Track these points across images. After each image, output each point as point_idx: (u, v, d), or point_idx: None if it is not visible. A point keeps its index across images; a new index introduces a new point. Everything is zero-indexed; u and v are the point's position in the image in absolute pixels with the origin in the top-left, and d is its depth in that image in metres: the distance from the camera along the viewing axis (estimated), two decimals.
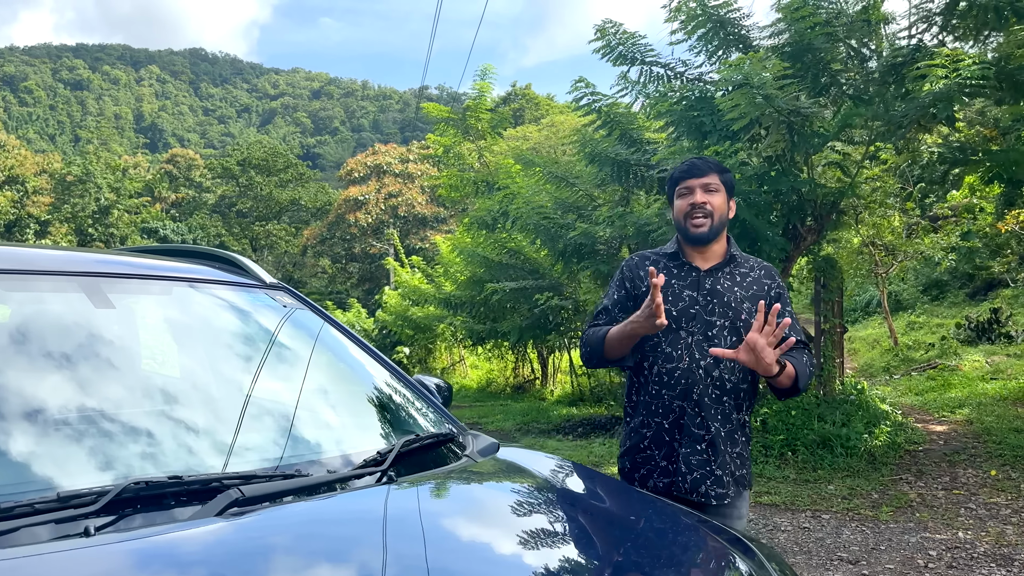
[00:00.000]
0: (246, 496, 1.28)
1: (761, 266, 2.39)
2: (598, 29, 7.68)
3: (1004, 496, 5.37)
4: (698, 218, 2.27)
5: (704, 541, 1.56)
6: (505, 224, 10.21)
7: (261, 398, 1.70)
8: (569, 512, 1.64)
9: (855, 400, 7.39)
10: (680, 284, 2.31)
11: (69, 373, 1.48)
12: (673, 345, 2.27)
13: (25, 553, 1.07)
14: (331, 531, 1.31)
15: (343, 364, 2.00)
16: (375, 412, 1.93)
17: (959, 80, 5.47)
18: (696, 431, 2.25)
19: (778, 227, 7.10)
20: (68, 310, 1.59)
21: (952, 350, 15.69)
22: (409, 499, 1.49)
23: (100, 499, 1.17)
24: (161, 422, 1.52)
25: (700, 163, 2.34)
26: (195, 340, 1.83)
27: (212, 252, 2.14)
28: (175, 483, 1.27)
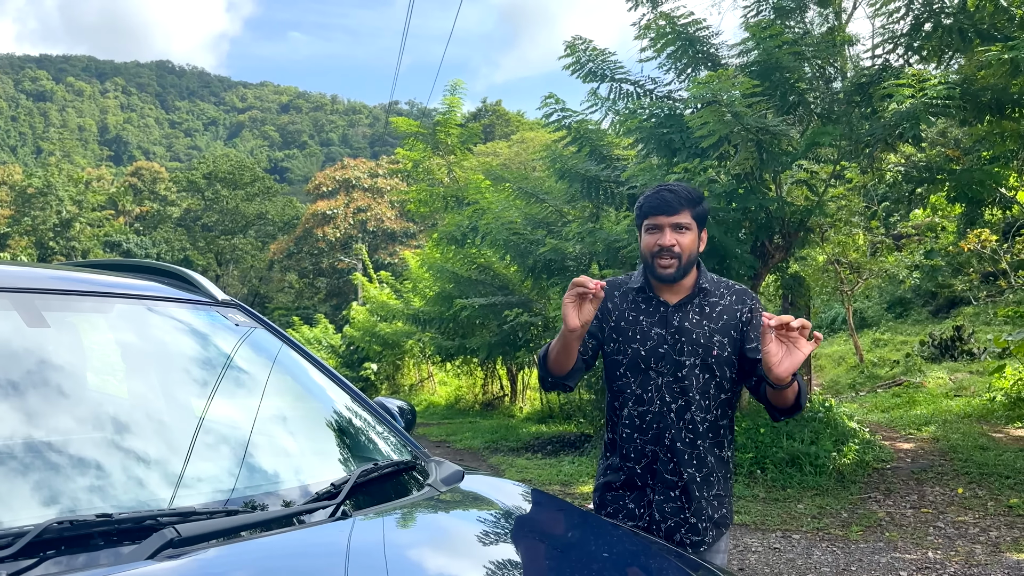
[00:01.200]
0: (182, 536, 1.17)
1: (732, 291, 2.24)
2: (568, 45, 7.67)
3: (972, 514, 5.37)
4: (665, 259, 2.13)
5: (672, 572, 1.47)
6: (475, 239, 10.13)
7: (210, 424, 1.58)
8: (536, 545, 1.56)
9: (823, 418, 7.40)
10: (648, 321, 2.19)
11: (22, 402, 1.36)
12: (643, 387, 2.17)
13: None
14: (276, 575, 1.20)
15: (299, 387, 1.89)
16: (333, 438, 1.82)
17: (925, 100, 5.51)
18: (669, 477, 2.15)
19: (747, 244, 7.10)
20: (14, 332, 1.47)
21: (916, 367, 15.91)
22: (366, 535, 1.38)
23: (17, 541, 1.06)
24: (98, 452, 1.40)
25: (672, 198, 2.15)
26: (139, 361, 1.71)
27: (161, 267, 2.02)
28: (103, 521, 1.15)
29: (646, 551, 1.58)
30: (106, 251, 51.80)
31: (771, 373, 1.91)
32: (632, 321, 2.20)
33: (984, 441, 7.39)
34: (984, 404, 9.63)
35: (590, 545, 1.62)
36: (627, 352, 2.19)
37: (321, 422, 1.86)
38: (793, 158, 6.49)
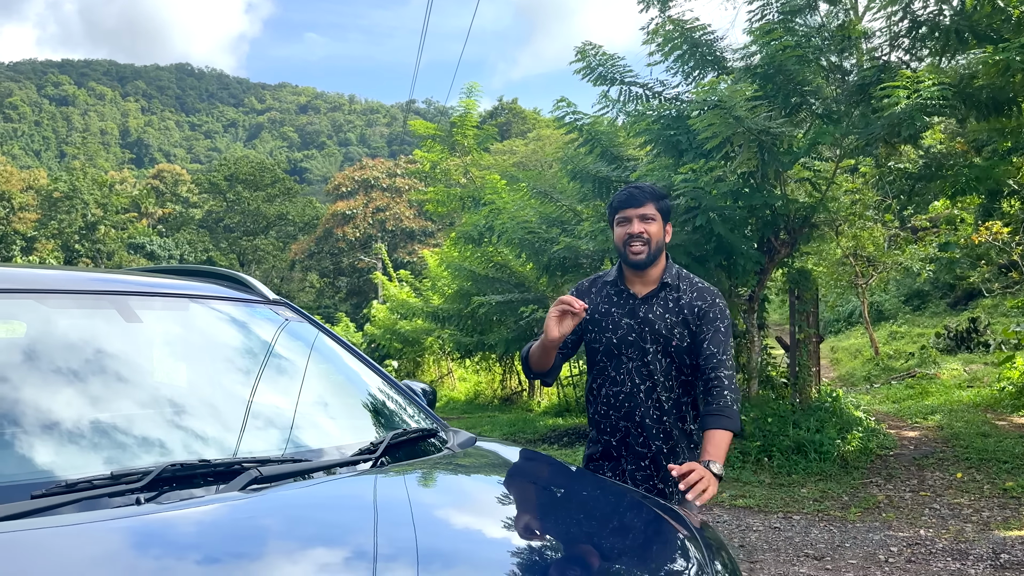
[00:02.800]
0: (263, 475, 1.52)
1: (695, 288, 2.48)
2: (579, 51, 7.95)
3: (967, 497, 5.62)
4: (636, 246, 2.41)
5: (651, 516, 1.79)
6: (491, 238, 10.43)
7: (272, 398, 1.95)
8: (534, 493, 1.91)
9: (829, 407, 7.65)
10: (619, 312, 2.47)
11: (110, 378, 1.72)
12: (616, 370, 2.46)
13: (94, 518, 1.33)
14: (332, 505, 1.56)
15: (340, 370, 2.24)
16: (369, 411, 2.18)
17: (920, 100, 5.75)
18: (639, 449, 2.45)
19: (753, 241, 7.37)
20: (103, 324, 1.84)
21: (931, 359, 15.98)
22: (397, 482, 1.73)
23: (145, 477, 1.42)
24: (188, 418, 1.77)
25: (638, 193, 2.46)
26: (211, 349, 2.07)
27: (220, 272, 2.38)
28: (204, 465, 1.52)
29: (632, 501, 1.90)
30: (130, 253, 52.72)
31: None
32: (605, 313, 2.49)
33: (987, 429, 7.60)
34: (993, 394, 9.82)
35: (583, 495, 1.96)
36: (602, 340, 2.49)
37: (360, 398, 2.22)
38: (795, 157, 6.74)
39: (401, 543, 1.38)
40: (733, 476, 6.44)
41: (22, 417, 1.54)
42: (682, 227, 6.88)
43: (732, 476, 6.43)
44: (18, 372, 1.63)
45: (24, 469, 1.45)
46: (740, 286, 7.69)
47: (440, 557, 1.38)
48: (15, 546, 1.20)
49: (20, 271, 1.92)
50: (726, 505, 5.64)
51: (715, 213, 6.63)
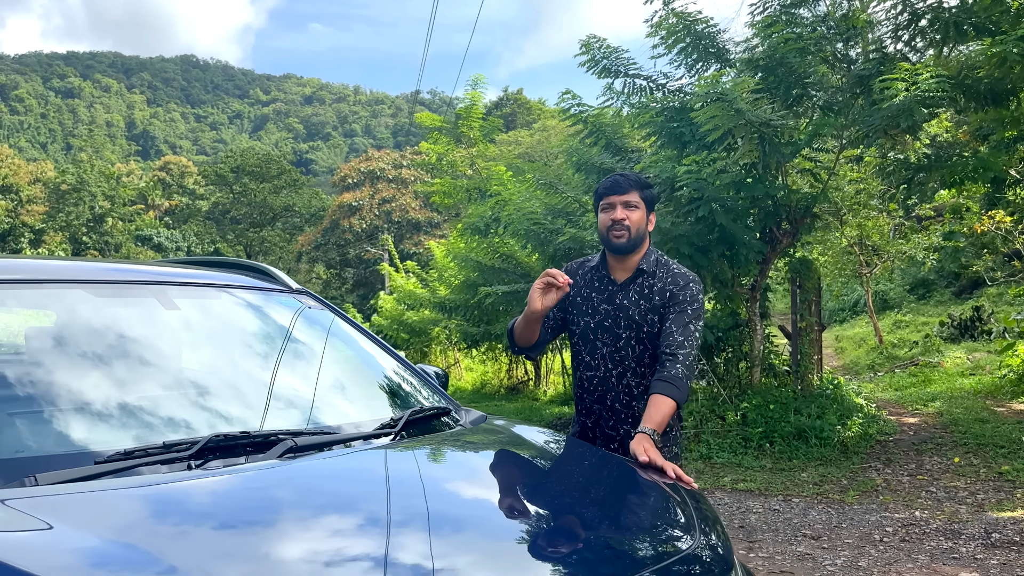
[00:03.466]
0: (298, 445, 1.70)
1: (671, 274, 2.54)
2: (583, 44, 8.07)
3: (964, 480, 5.76)
4: (618, 231, 2.49)
5: (648, 484, 1.95)
6: (497, 229, 10.54)
7: (298, 379, 2.12)
8: (541, 463, 2.08)
9: (831, 394, 7.79)
10: (599, 297, 2.56)
11: (154, 359, 1.89)
12: (591, 355, 2.57)
13: (150, 481, 1.50)
14: (357, 472, 1.74)
15: (359, 353, 2.41)
16: (387, 391, 2.35)
17: (917, 93, 5.86)
18: (609, 432, 2.55)
19: (755, 231, 7.48)
20: (145, 312, 2.01)
21: (935, 347, 16.06)
22: (414, 453, 1.90)
23: (194, 446, 1.59)
24: (225, 395, 1.95)
25: (623, 180, 2.55)
26: (242, 334, 2.24)
27: (247, 263, 2.55)
28: (245, 436, 1.69)
29: (626, 470, 2.05)
30: (138, 245, 53.01)
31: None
32: (586, 297, 2.59)
33: (985, 415, 7.73)
34: (994, 381, 9.94)
35: (583, 464, 2.16)
36: (580, 323, 2.59)
37: (379, 379, 2.39)
38: (796, 148, 6.85)
39: (416, 507, 1.55)
40: (735, 461, 6.59)
41: (82, 393, 1.71)
42: (685, 218, 7.00)
43: (734, 461, 6.58)
44: (72, 354, 1.80)
45: (87, 439, 1.63)
46: (743, 276, 7.82)
47: (450, 521, 1.55)
48: (84, 504, 1.37)
49: (69, 264, 2.10)
50: (727, 488, 5.79)
51: (718, 204, 6.74)
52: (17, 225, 52.38)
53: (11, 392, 1.68)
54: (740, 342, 8.14)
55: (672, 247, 7.05)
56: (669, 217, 6.93)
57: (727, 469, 6.39)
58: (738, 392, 7.83)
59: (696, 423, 7.37)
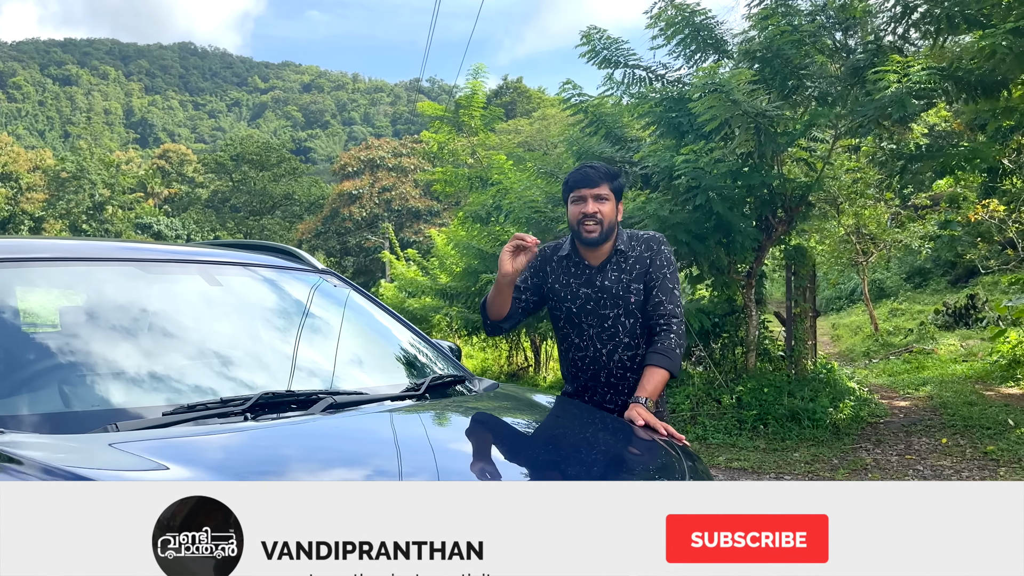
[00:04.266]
0: (337, 403, 1.93)
1: (641, 242, 2.65)
2: (584, 35, 8.23)
3: (950, 460, 5.97)
4: (589, 225, 2.55)
5: (637, 435, 2.19)
6: (498, 217, 10.70)
7: (330, 348, 2.35)
8: (546, 420, 2.31)
9: (824, 378, 8.00)
10: (576, 283, 2.64)
11: (203, 328, 2.11)
12: (579, 337, 2.66)
13: (211, 430, 1.74)
14: (387, 425, 1.99)
15: (383, 328, 2.64)
16: (409, 360, 2.58)
17: (909, 84, 6.04)
18: (607, 405, 2.67)
19: (751, 219, 7.66)
20: (192, 287, 2.22)
21: (929, 335, 16.26)
22: (436, 410, 2.18)
23: (247, 402, 1.82)
24: (266, 360, 2.20)
25: (592, 173, 2.58)
26: (276, 308, 2.47)
27: (276, 246, 2.78)
28: (290, 394, 1.93)
29: (629, 430, 2.26)
30: (137, 233, 53.09)
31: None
32: (564, 284, 2.67)
33: (974, 398, 7.95)
34: (985, 367, 10.15)
35: (586, 422, 2.38)
36: (562, 309, 2.68)
37: (402, 349, 2.62)
38: (792, 138, 7.03)
39: (440, 456, 1.82)
40: (730, 442, 6.80)
41: (143, 356, 1.96)
42: (683, 206, 7.17)
43: (729, 442, 6.80)
44: (131, 324, 2.02)
45: (155, 394, 1.86)
46: (739, 263, 8.01)
47: (462, 458, 1.81)
48: (153, 449, 1.60)
49: (120, 245, 2.30)
50: (722, 467, 6.01)
51: (714, 192, 6.91)
52: (17, 213, 52.44)
53: (86, 355, 1.92)
54: (736, 328, 8.34)
55: (670, 234, 7.22)
56: (667, 205, 7.09)
57: (722, 449, 6.60)
58: (734, 376, 8.04)
59: (692, 406, 7.58)
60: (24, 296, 2.05)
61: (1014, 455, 5.88)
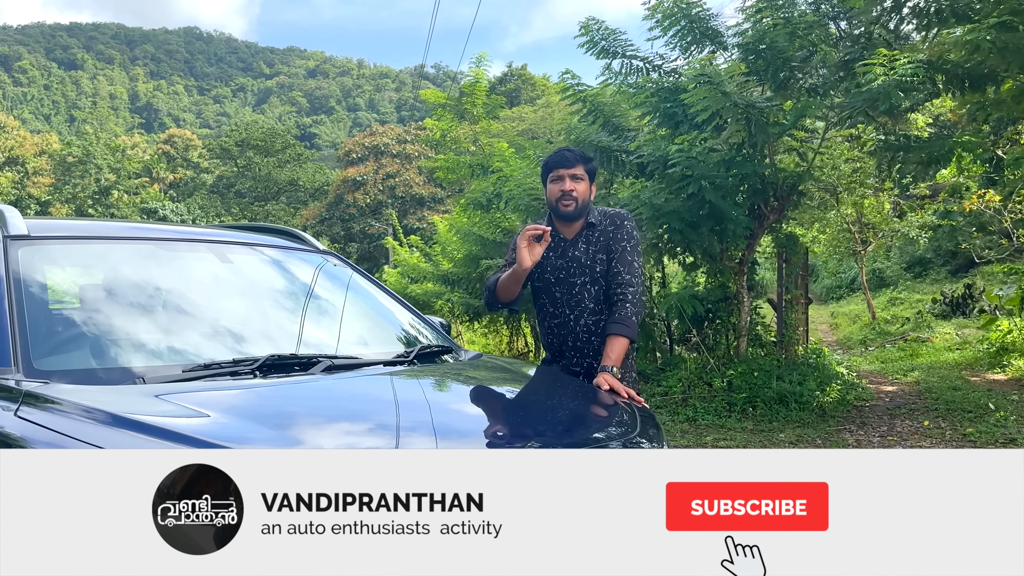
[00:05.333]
0: (334, 365, 2.18)
1: (609, 218, 2.93)
2: (582, 26, 8.40)
3: (930, 441, 6.20)
4: (566, 201, 2.86)
5: (601, 398, 2.45)
6: (499, 204, 10.90)
7: (333, 319, 2.58)
8: (520, 382, 2.57)
9: (813, 363, 8.22)
10: (553, 255, 2.93)
11: (218, 299, 2.35)
12: (552, 304, 2.96)
13: (224, 386, 1.98)
14: (379, 386, 2.24)
15: (379, 303, 2.92)
16: (404, 331, 2.84)
17: (895, 77, 6.22)
18: (574, 368, 2.94)
19: (743, 208, 7.85)
20: (206, 264, 2.47)
21: (926, 324, 16.44)
22: (424, 374, 2.42)
23: (255, 363, 2.07)
24: (272, 327, 2.46)
25: (569, 155, 2.91)
26: (282, 283, 2.75)
27: (281, 228, 3.04)
28: (293, 357, 2.19)
29: (598, 394, 2.51)
30: (143, 218, 53.43)
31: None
32: (543, 256, 2.90)
33: (959, 384, 8.17)
34: (975, 354, 10.37)
35: (550, 379, 2.69)
36: (539, 278, 2.97)
37: (394, 322, 2.89)
38: (783, 129, 7.21)
39: (422, 406, 2.09)
40: (719, 423, 7.03)
41: (167, 321, 2.21)
42: (677, 194, 7.36)
43: (718, 423, 7.03)
44: (156, 294, 2.26)
45: (175, 354, 2.12)
46: (731, 250, 8.21)
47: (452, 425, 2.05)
48: (173, 399, 1.84)
49: (146, 226, 2.55)
50: (708, 446, 6.24)
51: (707, 181, 7.10)
52: (23, 197, 52.67)
53: (115, 321, 2.17)
54: (728, 314, 8.55)
55: (664, 222, 7.45)
56: (662, 193, 7.29)
57: (710, 430, 6.83)
58: (726, 361, 8.26)
59: (684, 389, 7.81)
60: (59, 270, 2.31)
61: (992, 436, 6.10)
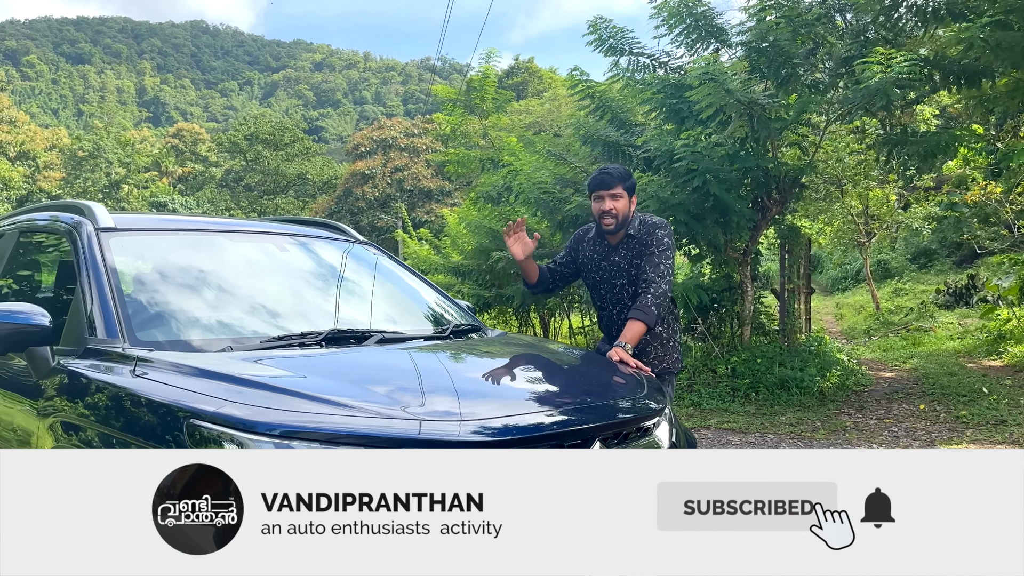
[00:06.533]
0: (385, 339, 2.53)
1: (645, 227, 3.33)
2: (591, 24, 8.68)
3: (924, 423, 6.49)
4: (607, 219, 3.29)
5: (610, 366, 2.79)
6: (509, 198, 11.17)
7: (375, 301, 2.93)
8: (541, 353, 2.91)
9: (814, 350, 8.50)
10: (599, 258, 3.41)
11: (283, 282, 2.69)
12: (600, 300, 3.48)
13: (298, 354, 2.30)
14: (422, 354, 2.56)
15: (413, 286, 3.29)
16: (437, 312, 3.19)
17: (892, 75, 6.47)
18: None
19: (747, 200, 8.12)
20: (269, 253, 2.82)
21: (929, 314, 16.67)
22: (458, 346, 2.76)
23: (320, 336, 2.41)
24: (329, 306, 2.80)
25: (608, 178, 3.31)
26: (332, 268, 3.12)
27: (325, 222, 3.37)
28: (350, 331, 2.52)
29: (617, 368, 2.80)
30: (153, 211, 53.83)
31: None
32: (590, 259, 3.46)
33: (956, 370, 8.44)
34: (974, 342, 10.63)
35: (567, 352, 3.00)
36: (590, 278, 3.49)
37: (432, 304, 3.24)
38: (784, 124, 7.47)
39: (464, 372, 2.44)
40: (723, 408, 7.32)
41: (239, 300, 2.56)
42: (682, 188, 7.63)
43: (722, 407, 7.32)
44: (236, 278, 2.60)
45: (255, 328, 2.47)
46: (735, 241, 8.49)
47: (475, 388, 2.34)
48: (265, 363, 2.16)
49: (211, 220, 2.90)
50: (712, 428, 6.54)
51: (712, 175, 7.37)
52: (34, 191, 53.12)
53: (195, 298, 2.53)
54: (733, 303, 8.84)
55: (670, 215, 7.71)
56: (668, 187, 7.56)
57: (714, 414, 7.13)
58: (730, 348, 8.55)
59: (690, 375, 8.10)
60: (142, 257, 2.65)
61: (983, 419, 6.38)
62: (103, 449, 1.80)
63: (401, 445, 1.66)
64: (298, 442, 1.62)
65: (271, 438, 1.62)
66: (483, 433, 1.75)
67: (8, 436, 2.34)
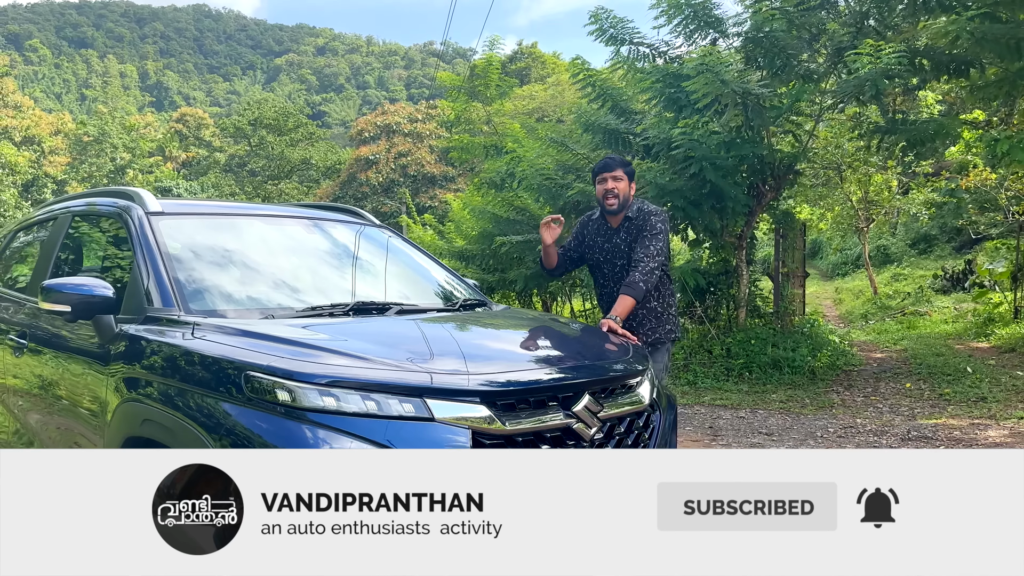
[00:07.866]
0: (403, 310, 2.86)
1: (642, 213, 3.69)
2: (592, 15, 8.91)
3: (909, 400, 6.79)
4: (610, 199, 3.68)
5: (600, 335, 3.11)
6: (512, 184, 11.44)
7: (394, 275, 3.25)
8: (539, 323, 3.22)
9: (807, 332, 8.80)
10: (601, 239, 3.79)
11: (312, 260, 3.02)
12: (602, 278, 3.85)
13: (330, 322, 2.61)
14: (438, 323, 2.88)
15: (426, 266, 3.61)
16: (447, 288, 3.52)
17: (881, 66, 6.73)
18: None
19: (742, 187, 8.40)
20: (298, 234, 3.15)
21: (925, 298, 16.91)
22: (466, 318, 3.08)
23: (348, 307, 2.73)
24: (351, 281, 3.12)
25: (611, 162, 3.73)
26: (353, 248, 3.43)
27: (344, 207, 3.68)
28: (373, 303, 2.85)
29: (607, 336, 3.11)
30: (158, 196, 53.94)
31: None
32: (594, 240, 3.85)
33: (943, 351, 8.74)
34: (965, 326, 10.91)
35: (562, 322, 3.37)
36: (593, 258, 3.87)
37: (441, 280, 3.57)
38: (779, 113, 7.73)
39: (473, 338, 2.75)
40: (717, 386, 7.63)
41: (278, 277, 2.89)
42: (680, 174, 7.90)
43: (716, 386, 7.63)
44: (271, 257, 2.93)
45: (290, 301, 2.80)
46: (731, 226, 8.76)
47: (482, 349, 2.68)
48: (301, 328, 2.45)
49: (246, 204, 3.21)
50: (706, 404, 6.85)
51: (708, 162, 7.63)
52: (40, 176, 53.28)
53: (237, 273, 2.87)
54: (729, 286, 9.12)
55: (668, 201, 7.99)
56: (666, 174, 7.82)
57: (709, 392, 7.44)
58: (725, 330, 8.85)
59: (686, 356, 8.41)
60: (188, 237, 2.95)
61: (965, 396, 6.69)
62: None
63: (420, 394, 1.97)
64: (339, 390, 1.93)
65: (317, 386, 1.93)
66: (489, 384, 2.09)
67: (80, 392, 2.65)
